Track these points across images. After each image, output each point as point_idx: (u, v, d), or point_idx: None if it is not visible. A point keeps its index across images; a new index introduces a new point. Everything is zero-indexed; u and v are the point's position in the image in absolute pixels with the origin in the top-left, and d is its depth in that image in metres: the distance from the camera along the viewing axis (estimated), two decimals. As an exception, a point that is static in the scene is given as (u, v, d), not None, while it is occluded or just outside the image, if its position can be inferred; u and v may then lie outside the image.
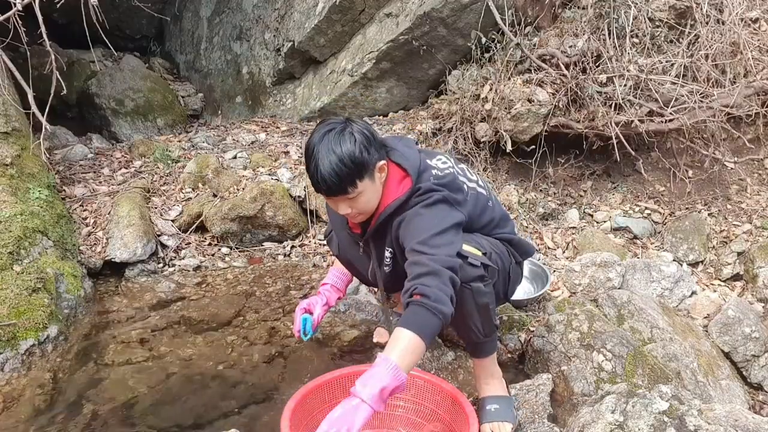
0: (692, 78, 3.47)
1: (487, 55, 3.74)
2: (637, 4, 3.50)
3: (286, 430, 1.52)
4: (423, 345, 1.45)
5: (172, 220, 3.24)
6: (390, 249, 1.78)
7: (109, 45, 3.23)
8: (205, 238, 3.22)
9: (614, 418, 1.57)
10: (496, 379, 1.85)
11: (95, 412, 1.97)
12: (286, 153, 3.81)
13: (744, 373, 2.38)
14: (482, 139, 3.56)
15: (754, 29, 3.73)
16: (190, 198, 3.38)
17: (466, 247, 1.64)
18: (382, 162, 1.67)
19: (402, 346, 1.43)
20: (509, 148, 3.46)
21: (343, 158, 1.57)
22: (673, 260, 3.14)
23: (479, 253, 1.67)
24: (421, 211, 1.63)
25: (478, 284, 1.65)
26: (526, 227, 3.38)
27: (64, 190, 3.29)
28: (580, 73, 3.44)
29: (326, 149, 1.59)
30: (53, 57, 2.86)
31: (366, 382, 1.39)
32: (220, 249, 3.18)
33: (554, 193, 3.70)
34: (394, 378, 1.39)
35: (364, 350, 2.27)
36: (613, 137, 3.32)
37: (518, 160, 3.61)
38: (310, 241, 3.23)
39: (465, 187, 1.76)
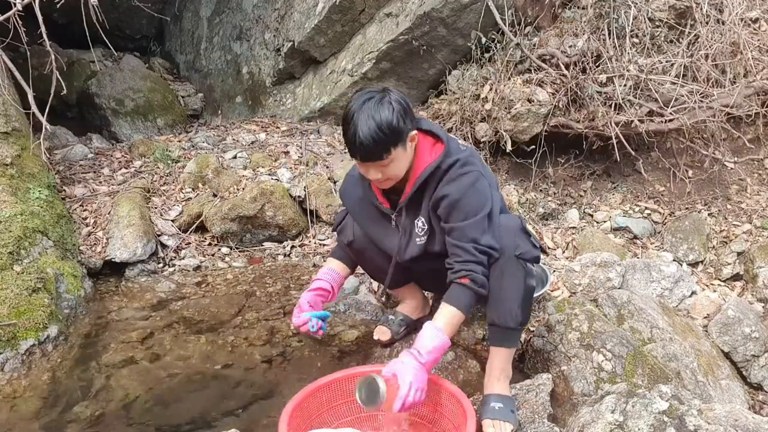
0: (692, 78, 3.47)
1: (487, 55, 3.74)
2: (637, 4, 3.50)
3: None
4: (464, 318, 1.74)
5: (172, 220, 3.24)
6: (423, 219, 1.81)
7: (109, 45, 3.23)
8: (205, 238, 3.23)
9: (614, 418, 1.57)
10: (508, 378, 1.84)
11: (95, 412, 1.98)
12: (286, 153, 3.81)
13: (744, 373, 2.38)
14: (482, 139, 3.56)
15: (754, 29, 3.73)
16: (190, 198, 3.38)
17: (530, 228, 1.76)
18: (414, 132, 1.72)
19: (449, 321, 1.69)
20: (509, 148, 3.46)
21: (381, 125, 1.62)
22: (673, 260, 3.14)
23: (537, 237, 1.74)
24: (462, 191, 1.70)
25: (531, 266, 1.75)
26: (526, 227, 3.38)
27: (64, 190, 3.29)
28: (580, 73, 3.44)
29: (366, 116, 1.63)
30: (53, 57, 2.86)
31: (425, 348, 1.63)
32: (220, 249, 3.18)
33: (554, 193, 3.70)
34: (445, 344, 1.66)
35: (364, 350, 2.27)
36: (613, 137, 3.32)
37: (518, 160, 3.61)
38: (310, 241, 3.23)
39: (481, 157, 1.87)
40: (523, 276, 1.74)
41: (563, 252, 3.24)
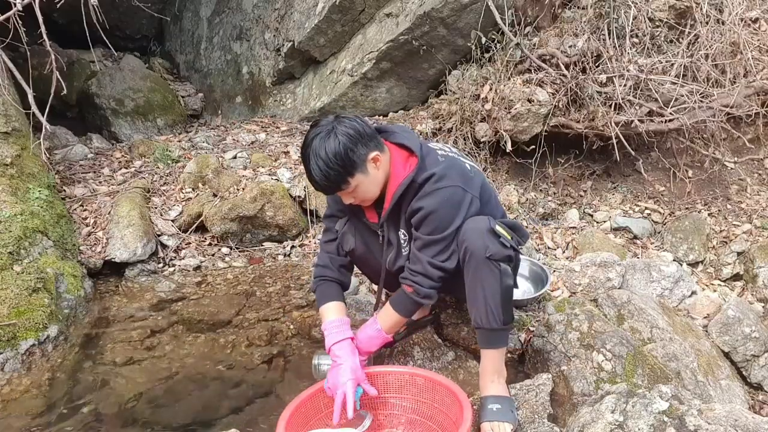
0: (692, 78, 3.48)
1: (487, 55, 3.74)
2: (637, 4, 3.50)
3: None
4: (402, 321, 1.90)
5: (172, 220, 3.24)
6: (403, 231, 1.85)
7: (109, 45, 3.23)
8: (205, 238, 3.22)
9: (614, 418, 1.57)
10: (502, 378, 1.84)
11: (95, 412, 1.97)
12: (286, 153, 3.81)
13: (744, 373, 2.38)
14: (482, 139, 3.56)
15: (754, 29, 3.73)
16: (190, 198, 3.38)
17: (499, 229, 1.73)
18: (374, 153, 1.72)
19: (389, 321, 1.86)
20: (509, 148, 3.46)
21: (329, 161, 1.66)
22: (673, 260, 3.14)
23: (509, 236, 1.75)
24: (436, 205, 1.71)
25: (506, 265, 1.73)
26: (526, 227, 3.38)
27: (64, 190, 3.29)
28: (580, 73, 3.45)
29: (314, 154, 1.67)
30: (53, 57, 2.85)
31: (364, 340, 1.87)
32: (220, 249, 3.18)
33: (554, 193, 3.70)
34: (381, 337, 1.88)
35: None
36: (613, 137, 3.32)
37: (518, 160, 3.61)
38: (310, 241, 3.23)
39: (467, 165, 1.84)
40: (498, 276, 1.72)
41: (563, 252, 3.24)
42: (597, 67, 3.46)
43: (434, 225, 1.72)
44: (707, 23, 3.52)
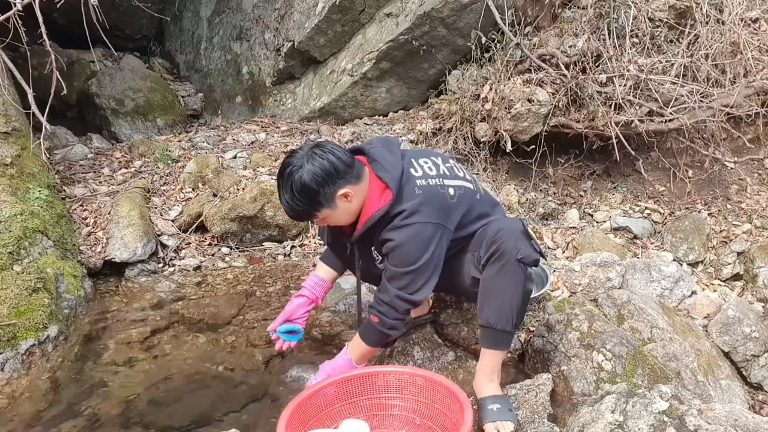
0: (692, 78, 3.48)
1: (487, 55, 3.74)
2: (637, 4, 3.50)
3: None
4: (373, 351, 1.95)
5: (172, 220, 3.24)
6: (376, 251, 1.88)
7: (109, 45, 3.23)
8: (205, 238, 3.22)
9: (614, 418, 1.57)
10: (498, 378, 1.85)
11: (95, 412, 1.97)
12: (286, 153, 3.80)
13: (744, 372, 2.38)
14: (482, 139, 3.56)
15: (754, 29, 3.74)
16: (190, 198, 3.38)
17: (530, 232, 1.78)
18: (344, 190, 1.73)
19: (357, 350, 1.90)
20: (509, 148, 3.46)
21: (295, 197, 1.72)
22: (673, 260, 3.14)
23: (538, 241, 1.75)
24: (403, 240, 1.73)
25: (531, 270, 1.76)
26: (526, 227, 3.38)
27: (64, 190, 3.29)
28: (580, 73, 3.45)
29: (283, 186, 1.74)
30: (53, 57, 2.85)
31: (333, 370, 1.89)
32: (220, 249, 3.18)
33: (554, 193, 3.70)
34: (348, 365, 1.90)
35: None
36: (613, 137, 3.32)
37: (518, 160, 3.61)
38: (310, 241, 3.23)
39: (451, 191, 1.81)
40: (522, 280, 1.74)
41: (563, 252, 3.24)
42: (597, 67, 3.46)
43: (400, 258, 1.75)
44: (707, 23, 3.53)
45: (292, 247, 3.20)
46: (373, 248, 1.88)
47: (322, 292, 2.13)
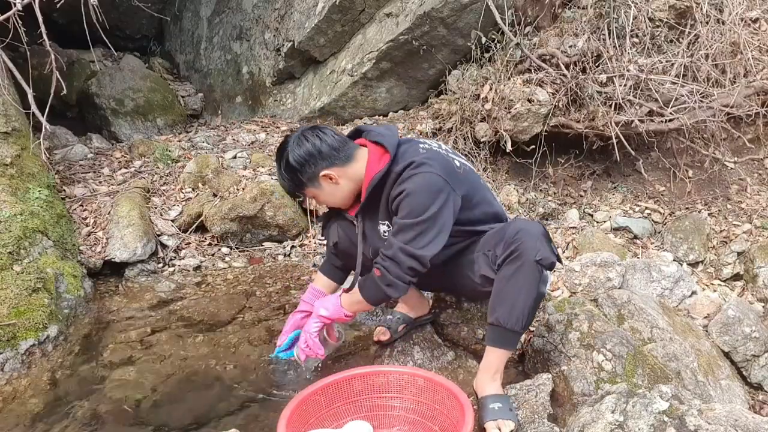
0: (692, 78, 3.48)
1: (487, 55, 3.74)
2: (637, 4, 3.50)
3: None
4: (365, 305, 1.89)
5: (172, 220, 3.24)
6: (386, 222, 1.87)
7: (109, 45, 3.23)
8: (205, 238, 3.22)
9: (614, 418, 1.57)
10: (501, 378, 1.84)
11: (95, 412, 1.97)
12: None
13: (744, 373, 2.38)
14: (482, 139, 3.56)
15: (754, 29, 3.74)
16: (190, 198, 3.38)
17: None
18: (326, 171, 1.82)
19: (352, 301, 1.90)
20: (509, 148, 3.46)
21: (282, 174, 1.88)
22: (673, 260, 3.14)
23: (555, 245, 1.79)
24: (413, 188, 1.72)
25: (547, 273, 1.76)
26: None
27: (64, 190, 3.29)
28: (580, 73, 3.45)
29: (276, 161, 1.90)
30: (53, 57, 2.85)
31: (321, 305, 1.95)
32: (220, 249, 3.18)
33: (554, 193, 3.70)
34: (338, 313, 1.92)
35: (364, 350, 2.27)
36: (613, 137, 3.32)
37: (518, 160, 3.61)
38: (310, 241, 3.23)
39: (456, 162, 1.85)
40: (538, 281, 1.73)
41: (563, 252, 3.24)
42: (597, 67, 3.46)
43: (409, 208, 1.72)
44: (707, 23, 3.53)
45: (292, 247, 3.20)
46: (380, 221, 1.88)
47: None
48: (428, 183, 1.72)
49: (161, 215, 3.23)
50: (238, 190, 3.29)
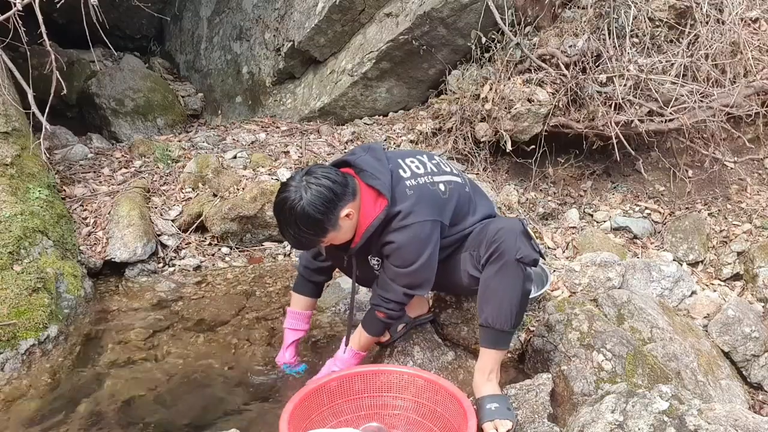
0: (692, 78, 3.47)
1: (487, 55, 3.74)
2: (637, 4, 3.50)
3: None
4: (375, 340, 2.03)
5: (172, 220, 3.24)
6: (376, 258, 1.90)
7: (109, 45, 3.23)
8: (205, 238, 3.22)
9: (614, 417, 1.57)
10: (497, 378, 1.85)
11: (95, 412, 1.97)
12: (286, 153, 3.81)
13: (744, 372, 2.38)
14: (482, 139, 3.56)
15: (754, 29, 3.74)
16: (190, 198, 3.38)
17: (529, 231, 1.80)
18: (346, 211, 1.73)
19: (363, 342, 1.99)
20: (509, 147, 3.46)
21: (301, 231, 1.71)
22: (673, 260, 3.14)
23: (537, 240, 1.80)
24: (404, 241, 1.76)
25: (530, 269, 1.77)
26: (526, 227, 3.38)
27: (64, 190, 3.29)
28: (580, 73, 3.45)
29: (284, 224, 1.74)
30: (53, 57, 2.85)
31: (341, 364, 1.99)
32: (220, 249, 3.18)
33: (554, 193, 3.70)
34: (357, 357, 2.01)
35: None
36: (613, 137, 3.32)
37: (518, 160, 3.61)
38: (310, 241, 3.22)
39: (441, 186, 1.84)
40: (522, 279, 1.75)
41: (563, 252, 3.24)
42: (597, 66, 3.46)
43: (401, 260, 1.79)
44: (707, 23, 3.52)
45: (292, 247, 3.21)
46: (370, 256, 1.89)
47: (304, 324, 2.16)
48: (416, 235, 1.76)
49: (161, 215, 3.23)
50: (238, 190, 3.29)
